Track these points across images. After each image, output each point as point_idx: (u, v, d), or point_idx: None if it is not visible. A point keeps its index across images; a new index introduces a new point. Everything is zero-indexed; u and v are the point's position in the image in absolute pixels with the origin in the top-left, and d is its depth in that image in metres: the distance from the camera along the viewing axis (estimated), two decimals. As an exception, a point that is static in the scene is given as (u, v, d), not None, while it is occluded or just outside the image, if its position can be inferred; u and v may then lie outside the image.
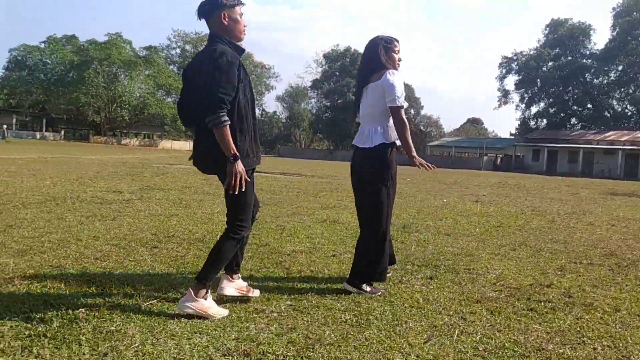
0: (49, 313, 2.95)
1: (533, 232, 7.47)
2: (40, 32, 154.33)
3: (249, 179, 3.06)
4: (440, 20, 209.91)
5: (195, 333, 2.86)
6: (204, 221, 6.71)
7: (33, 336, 2.63)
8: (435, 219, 8.37)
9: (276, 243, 5.51)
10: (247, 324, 3.05)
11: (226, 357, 2.57)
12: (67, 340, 2.61)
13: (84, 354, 2.47)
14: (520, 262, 5.26)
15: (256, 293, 3.54)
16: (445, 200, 12.16)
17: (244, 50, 3.19)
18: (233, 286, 3.47)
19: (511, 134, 77.95)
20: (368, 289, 3.83)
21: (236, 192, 3.00)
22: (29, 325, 2.77)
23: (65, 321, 2.86)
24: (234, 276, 3.51)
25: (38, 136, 64.04)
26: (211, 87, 2.87)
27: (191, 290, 3.09)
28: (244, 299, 3.48)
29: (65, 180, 11.39)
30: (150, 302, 3.32)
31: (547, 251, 5.96)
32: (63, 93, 65.72)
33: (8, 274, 3.75)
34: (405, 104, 3.76)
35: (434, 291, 4.01)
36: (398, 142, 3.84)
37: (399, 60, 3.92)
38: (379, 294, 3.84)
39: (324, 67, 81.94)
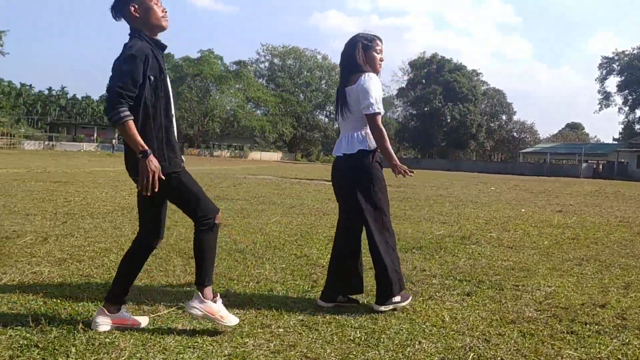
0: (53, 323, 2.99)
1: (610, 245, 6.80)
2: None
3: (162, 177, 2.77)
4: (534, 22, 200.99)
5: (189, 347, 2.78)
6: (254, 232, 6.70)
7: (25, 346, 2.67)
8: (502, 230, 7.86)
9: (317, 254, 5.38)
10: (247, 340, 2.93)
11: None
12: (57, 352, 2.62)
13: (68, 365, 2.47)
14: (581, 279, 4.77)
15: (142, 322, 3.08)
16: (523, 210, 11.44)
17: (164, 46, 2.95)
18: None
19: (614, 139, 72.82)
20: (399, 298, 3.59)
21: (148, 194, 2.73)
22: (28, 335, 2.81)
23: (63, 331, 2.88)
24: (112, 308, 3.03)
25: (138, 149, 68.04)
26: (111, 81, 2.71)
27: (199, 293, 2.99)
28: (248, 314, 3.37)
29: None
30: (158, 314, 3.29)
31: (618, 267, 5.37)
32: (160, 108, 69.60)
33: (36, 282, 3.89)
34: (381, 110, 3.46)
35: (466, 309, 3.70)
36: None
37: (381, 60, 3.63)
38: (410, 299, 3.66)
39: (410, 75, 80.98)
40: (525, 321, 3.46)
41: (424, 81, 77.62)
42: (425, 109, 73.86)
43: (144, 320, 3.09)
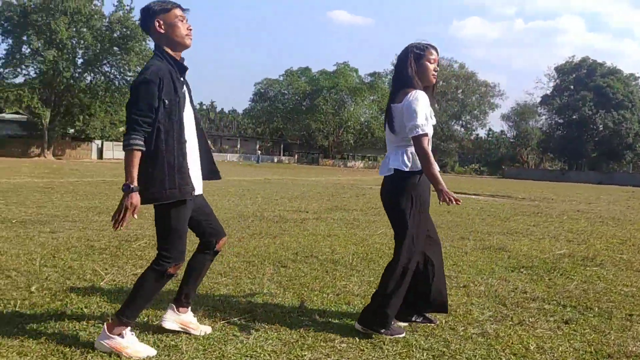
0: (79, 325, 3.18)
1: None
2: (280, 66, 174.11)
3: (135, 216, 2.68)
4: None
5: (246, 356, 2.81)
6: (356, 242, 6.65)
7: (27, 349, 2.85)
8: (637, 252, 6.99)
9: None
10: (305, 353, 2.89)
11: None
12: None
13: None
14: None
15: (204, 331, 3.11)
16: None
17: (185, 68, 2.87)
18: (175, 319, 3.09)
19: None
20: (382, 330, 3.23)
21: (118, 228, 2.65)
22: (38, 340, 3.00)
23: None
24: (181, 309, 3.10)
25: (276, 160, 71.39)
26: (127, 108, 2.68)
27: (105, 326, 2.80)
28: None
29: (266, 200, 12.43)
30: (227, 320, 3.37)
31: None
32: (297, 120, 72.59)
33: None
34: (427, 131, 3.14)
35: (558, 338, 3.32)
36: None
37: (435, 70, 3.34)
38: (402, 335, 3.25)
39: (556, 81, 75.77)
40: (625, 356, 3.02)
41: (572, 87, 72.14)
42: (574, 117, 68.58)
43: (207, 330, 3.15)
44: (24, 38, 43.44)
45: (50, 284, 4.04)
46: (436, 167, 3.16)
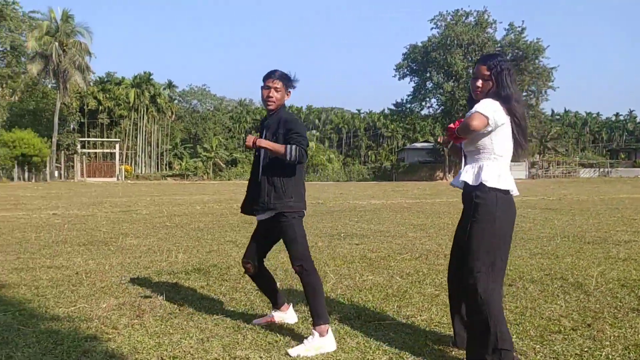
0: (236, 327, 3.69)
1: None
2: None
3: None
4: None
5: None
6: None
7: (206, 339, 3.48)
8: None
9: None
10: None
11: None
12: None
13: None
14: None
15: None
16: None
17: (264, 120, 3.40)
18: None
19: None
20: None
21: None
22: (212, 327, 3.62)
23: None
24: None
25: None
26: (303, 141, 3.24)
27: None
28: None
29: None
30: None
31: None
32: None
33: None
34: None
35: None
36: None
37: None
38: None
39: None
40: None
41: None
42: None
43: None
44: (427, 75, 48.69)
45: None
46: None
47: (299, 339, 3.07)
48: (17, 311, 3.59)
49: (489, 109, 2.62)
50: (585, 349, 2.90)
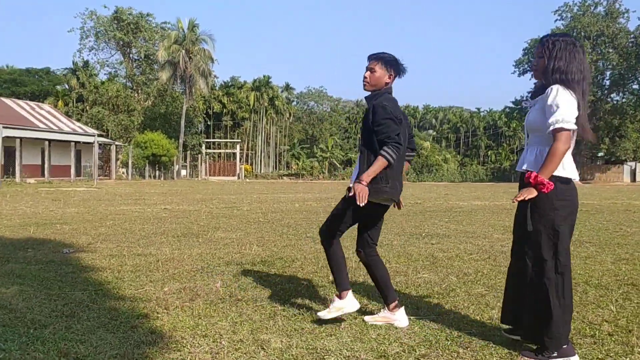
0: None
1: None
2: None
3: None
4: None
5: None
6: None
7: (240, 322, 3.82)
8: None
9: None
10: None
11: None
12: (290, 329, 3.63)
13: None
14: None
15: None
16: None
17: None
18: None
19: None
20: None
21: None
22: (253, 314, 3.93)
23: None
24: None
25: None
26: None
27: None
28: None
29: None
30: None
31: None
32: None
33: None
34: None
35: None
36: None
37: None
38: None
39: None
40: None
41: None
42: None
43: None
44: None
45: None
46: None
47: (329, 328, 3.23)
48: (93, 290, 4.09)
49: (564, 115, 2.60)
50: (611, 354, 2.76)
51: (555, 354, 2.66)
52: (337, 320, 3.32)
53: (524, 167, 2.80)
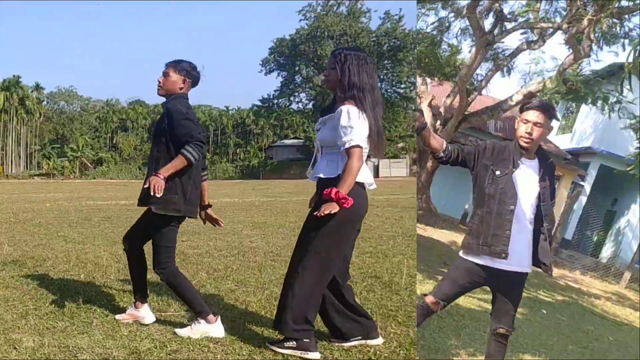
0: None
1: None
2: None
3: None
4: None
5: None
6: None
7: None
8: None
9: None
10: None
11: None
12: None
13: None
14: None
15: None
16: None
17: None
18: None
19: None
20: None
21: None
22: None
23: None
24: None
25: None
26: None
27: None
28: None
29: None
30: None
31: None
32: None
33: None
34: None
35: None
36: None
37: None
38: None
39: None
40: None
41: None
42: None
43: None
44: (296, 69, 46.66)
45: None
46: None
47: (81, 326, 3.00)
48: None
49: (356, 135, 2.77)
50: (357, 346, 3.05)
51: (293, 344, 2.83)
52: (88, 318, 3.36)
53: (320, 175, 2.94)
